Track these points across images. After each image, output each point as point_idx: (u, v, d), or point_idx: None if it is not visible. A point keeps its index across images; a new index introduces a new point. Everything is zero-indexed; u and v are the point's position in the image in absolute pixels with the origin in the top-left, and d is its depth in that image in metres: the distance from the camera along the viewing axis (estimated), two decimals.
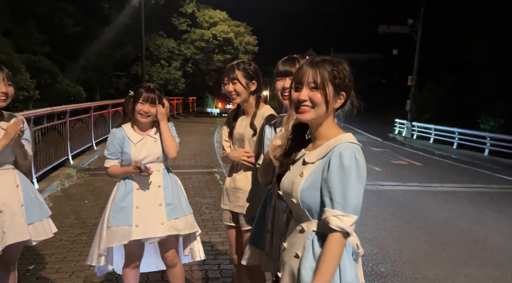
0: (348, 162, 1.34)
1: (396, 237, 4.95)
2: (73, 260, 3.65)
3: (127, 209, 2.47)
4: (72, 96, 16.00)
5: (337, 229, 1.32)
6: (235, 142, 2.55)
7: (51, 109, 7.01)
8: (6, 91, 2.26)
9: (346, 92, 1.46)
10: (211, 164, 8.55)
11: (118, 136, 2.53)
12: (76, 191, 6.06)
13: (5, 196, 2.30)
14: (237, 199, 2.48)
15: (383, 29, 20.72)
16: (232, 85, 2.42)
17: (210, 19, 29.24)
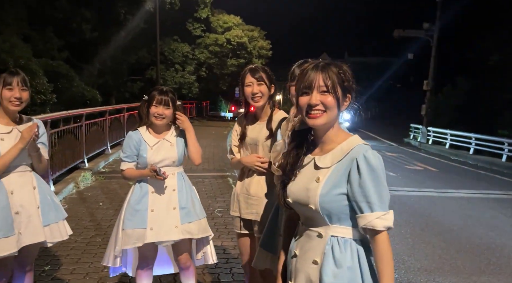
0: (375, 163, 1.36)
1: (411, 243, 4.88)
2: (88, 261, 3.70)
3: (142, 212, 2.50)
4: (88, 100, 16.26)
5: (384, 229, 1.35)
6: (247, 147, 2.51)
7: (67, 112, 7.14)
8: (20, 96, 2.31)
9: (351, 94, 1.46)
10: (224, 168, 8.57)
11: (134, 139, 2.57)
12: (91, 193, 6.15)
13: (22, 198, 2.35)
14: (250, 206, 2.45)
15: (398, 33, 20.54)
16: (257, 86, 2.38)
17: (224, 24, 29.46)
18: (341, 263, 1.37)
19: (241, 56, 29.61)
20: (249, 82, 2.39)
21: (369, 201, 1.35)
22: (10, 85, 2.28)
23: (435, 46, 19.89)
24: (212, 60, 28.69)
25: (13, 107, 2.31)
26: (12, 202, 2.30)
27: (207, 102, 30.64)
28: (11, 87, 2.28)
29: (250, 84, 2.39)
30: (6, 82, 2.28)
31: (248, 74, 2.40)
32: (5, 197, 2.28)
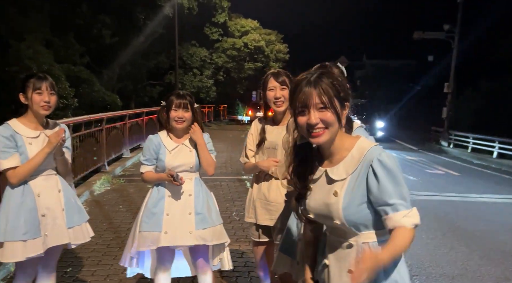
0: (390, 164, 1.35)
1: (432, 249, 4.78)
2: (108, 263, 3.75)
3: (158, 216, 2.52)
4: (109, 104, 16.58)
5: (412, 227, 1.33)
6: (264, 151, 2.48)
7: (88, 116, 7.28)
8: (48, 100, 2.35)
9: (349, 100, 1.42)
10: (241, 171, 8.58)
11: (154, 143, 2.60)
12: (111, 196, 6.24)
13: (48, 200, 2.40)
14: (269, 212, 2.42)
15: (418, 35, 20.22)
16: (280, 91, 2.36)
17: (241, 28, 29.62)
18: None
19: (258, 59, 29.70)
20: (272, 86, 2.37)
21: (392, 202, 1.34)
22: (40, 89, 2.32)
23: (456, 48, 19.51)
24: (230, 64, 28.86)
25: (43, 111, 2.36)
26: (39, 205, 2.36)
27: (224, 105, 30.80)
28: (40, 91, 2.32)
29: (273, 88, 2.37)
30: (36, 86, 2.32)
31: (272, 78, 2.38)
32: (33, 200, 2.34)
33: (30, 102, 2.34)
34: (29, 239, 2.28)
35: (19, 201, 2.30)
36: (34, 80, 2.33)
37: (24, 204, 2.31)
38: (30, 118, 2.38)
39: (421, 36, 20.28)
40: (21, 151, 2.30)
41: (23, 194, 2.32)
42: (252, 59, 29.59)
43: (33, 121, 2.39)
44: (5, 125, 2.33)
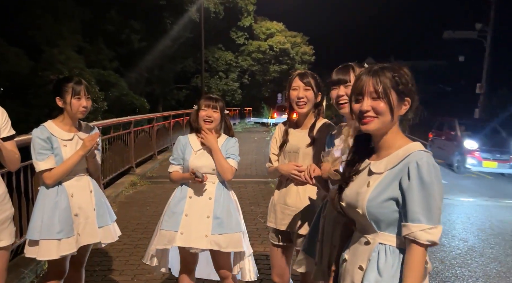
0: (427, 173, 1.30)
1: (464, 254, 4.62)
2: (135, 263, 3.81)
3: (177, 215, 2.53)
4: (137, 107, 16.97)
5: (427, 243, 1.29)
6: (286, 155, 2.43)
7: (117, 119, 7.46)
8: (86, 105, 2.43)
9: (411, 97, 1.40)
10: (265, 174, 8.56)
11: (182, 143, 2.63)
12: (139, 198, 6.36)
13: (81, 200, 2.47)
14: (287, 216, 2.38)
15: (448, 35, 19.69)
16: (303, 91, 2.31)
17: (266, 30, 29.70)
18: (384, 271, 1.35)
19: (283, 62, 29.69)
20: (295, 86, 2.33)
21: (415, 210, 1.30)
22: (79, 94, 2.39)
23: (488, 47, 18.88)
24: (255, 67, 28.98)
25: (81, 115, 2.44)
26: (72, 205, 2.43)
27: (249, 108, 30.92)
28: (79, 96, 2.39)
29: (296, 87, 2.32)
30: (75, 91, 2.38)
31: (296, 77, 2.35)
32: (66, 200, 2.41)
33: (68, 106, 2.39)
34: (63, 238, 2.35)
35: (53, 201, 2.37)
36: (73, 84, 2.39)
37: (59, 204, 2.38)
38: (65, 121, 2.45)
39: (452, 35, 19.74)
40: (56, 153, 2.37)
41: (57, 194, 2.39)
42: (278, 61, 29.61)
43: (68, 123, 2.46)
44: (42, 127, 2.40)
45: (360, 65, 1.94)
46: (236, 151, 2.65)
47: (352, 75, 1.95)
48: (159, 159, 9.72)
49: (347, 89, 1.93)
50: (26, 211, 3.61)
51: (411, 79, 1.41)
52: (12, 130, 2.27)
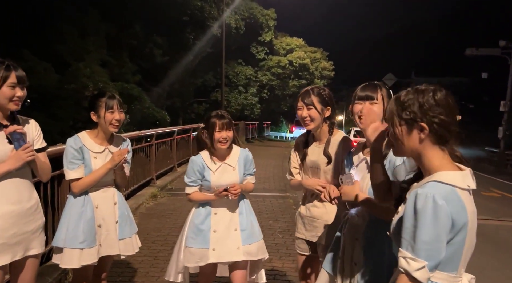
0: (421, 205, 1.24)
1: (488, 275, 4.49)
2: (155, 275, 3.85)
3: (205, 233, 2.57)
4: (158, 120, 17.25)
5: (402, 270, 1.27)
6: (307, 170, 2.49)
7: (140, 132, 7.61)
8: (119, 118, 2.52)
9: (427, 122, 1.32)
10: (284, 188, 8.55)
11: (198, 164, 2.64)
12: (159, 209, 6.44)
13: (104, 212, 2.55)
14: (315, 228, 2.44)
15: (471, 52, 19.46)
16: (306, 111, 2.38)
17: (286, 46, 29.90)
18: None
19: (303, 77, 29.76)
20: (299, 106, 2.42)
21: (403, 237, 1.28)
22: (112, 108, 2.48)
23: None
24: (274, 82, 29.12)
25: (113, 129, 2.53)
26: (96, 216, 2.51)
27: (268, 122, 31.00)
28: (112, 110, 2.48)
29: (300, 107, 2.42)
30: (109, 105, 2.48)
31: (299, 98, 2.44)
32: (92, 211, 2.49)
33: (102, 120, 2.49)
34: (85, 248, 2.42)
35: (79, 211, 2.46)
36: (106, 99, 2.49)
37: (84, 214, 2.46)
38: (99, 135, 2.55)
39: (474, 53, 19.51)
40: (86, 163, 2.47)
41: (83, 205, 2.47)
42: (297, 76, 29.69)
43: (101, 137, 2.56)
44: (76, 137, 2.51)
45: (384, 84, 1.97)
46: (253, 165, 2.74)
47: (379, 94, 1.98)
48: (179, 172, 9.82)
49: (372, 106, 1.96)
50: (52, 221, 3.71)
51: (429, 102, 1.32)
52: (44, 142, 2.36)
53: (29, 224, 2.18)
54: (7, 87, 2.03)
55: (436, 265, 1.26)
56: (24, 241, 2.15)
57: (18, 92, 2.07)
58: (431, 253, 1.23)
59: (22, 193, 2.16)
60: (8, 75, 2.03)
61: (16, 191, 2.13)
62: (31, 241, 2.20)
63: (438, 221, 1.23)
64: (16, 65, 2.10)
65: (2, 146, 2.09)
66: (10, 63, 2.07)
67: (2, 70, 2.02)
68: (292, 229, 5.57)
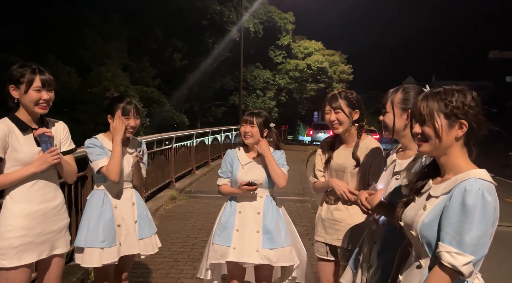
0: (472, 201, 1.27)
1: None
2: (175, 277, 3.89)
3: (228, 231, 2.61)
4: (176, 123, 17.46)
5: (448, 266, 1.27)
6: (332, 173, 2.48)
7: (160, 135, 7.71)
8: (133, 125, 2.57)
9: (467, 120, 1.37)
10: (302, 192, 8.52)
11: (230, 156, 2.74)
12: (178, 211, 6.50)
13: (123, 212, 2.60)
14: (336, 232, 2.42)
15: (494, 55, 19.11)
16: (334, 114, 2.39)
17: (305, 49, 29.87)
18: None
19: (321, 80, 29.66)
20: (327, 110, 2.43)
21: (447, 231, 1.29)
22: (128, 114, 2.54)
23: None
24: (292, 85, 29.10)
25: (128, 135, 2.59)
26: (116, 216, 2.56)
27: (285, 126, 30.96)
28: (128, 116, 2.54)
29: (328, 112, 2.42)
30: (125, 111, 2.53)
31: (327, 102, 2.45)
32: (111, 211, 2.54)
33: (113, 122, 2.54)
34: (106, 247, 2.48)
35: (99, 211, 2.51)
36: (124, 104, 2.54)
37: (103, 214, 2.51)
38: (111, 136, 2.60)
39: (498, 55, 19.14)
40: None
41: (102, 205, 2.53)
42: (315, 80, 29.61)
43: None
44: (94, 139, 2.60)
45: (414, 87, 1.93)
46: (284, 161, 2.74)
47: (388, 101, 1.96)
48: (197, 174, 9.91)
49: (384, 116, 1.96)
50: (75, 222, 3.79)
51: (470, 101, 1.37)
52: (72, 144, 2.42)
53: (54, 223, 2.24)
54: (33, 91, 2.09)
55: (480, 260, 1.29)
56: (49, 240, 2.22)
57: (44, 95, 2.12)
58: (478, 249, 1.27)
59: (48, 194, 2.23)
60: (33, 78, 2.09)
61: (42, 192, 2.19)
62: (57, 240, 2.26)
63: (487, 217, 1.27)
64: (42, 68, 2.16)
65: (30, 148, 2.15)
66: (36, 67, 2.13)
67: (28, 74, 2.09)
68: (311, 233, 5.54)
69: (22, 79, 2.09)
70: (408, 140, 1.88)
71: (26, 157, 2.13)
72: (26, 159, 2.13)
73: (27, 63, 2.15)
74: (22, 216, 2.13)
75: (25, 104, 2.13)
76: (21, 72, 2.10)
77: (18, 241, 2.09)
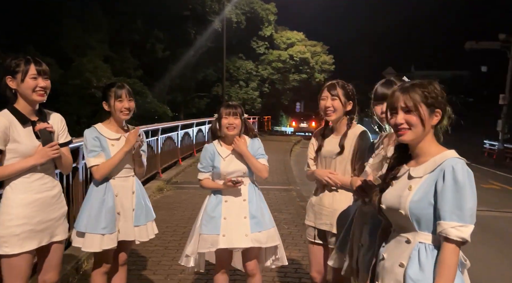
0: (462, 176, 1.45)
1: (487, 264, 4.64)
2: (167, 264, 4.00)
3: (216, 220, 2.71)
4: (159, 115, 17.34)
5: (457, 239, 1.42)
6: (322, 160, 2.61)
7: (146, 126, 7.72)
8: (128, 106, 2.66)
9: (441, 109, 1.56)
10: (286, 181, 8.70)
11: (209, 151, 2.81)
12: (166, 202, 6.58)
13: (123, 200, 2.69)
14: (325, 216, 2.54)
15: (471, 45, 19.52)
16: (331, 101, 2.48)
17: (287, 40, 29.92)
18: (425, 267, 1.48)
19: (303, 71, 29.82)
20: (324, 96, 2.52)
21: (447, 210, 1.44)
22: (120, 97, 2.63)
23: None
24: (275, 76, 29.17)
25: (124, 116, 2.67)
26: (116, 203, 2.65)
27: (268, 117, 31.08)
28: (121, 99, 2.63)
29: (324, 98, 2.51)
30: (117, 94, 2.63)
31: (325, 88, 2.54)
32: (112, 199, 2.63)
33: (112, 109, 2.65)
34: (106, 234, 2.57)
35: (101, 199, 2.60)
36: (115, 89, 2.65)
37: (106, 202, 2.60)
38: (112, 123, 2.71)
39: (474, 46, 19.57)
40: (104, 151, 2.62)
41: (105, 193, 2.62)
42: (297, 70, 29.74)
43: (115, 125, 2.71)
44: (92, 128, 2.67)
45: (399, 78, 2.08)
46: (263, 151, 2.85)
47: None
48: (183, 165, 9.96)
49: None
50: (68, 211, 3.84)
51: (440, 93, 1.57)
52: (69, 136, 2.50)
53: (53, 212, 2.33)
54: (29, 78, 2.17)
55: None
56: (49, 228, 2.30)
57: (41, 82, 2.20)
58: (474, 217, 1.46)
59: (46, 183, 2.31)
60: (28, 68, 2.17)
61: (40, 182, 2.28)
62: (56, 228, 2.35)
63: (474, 188, 1.47)
64: (37, 58, 2.24)
65: (30, 141, 2.22)
66: (30, 57, 2.22)
67: (22, 65, 2.17)
68: (296, 220, 5.71)
69: (17, 68, 2.16)
70: None
71: (26, 149, 2.20)
72: (26, 151, 2.20)
73: (21, 55, 2.23)
74: (22, 205, 2.21)
75: (23, 93, 2.20)
76: (16, 62, 2.18)
77: (19, 229, 2.17)
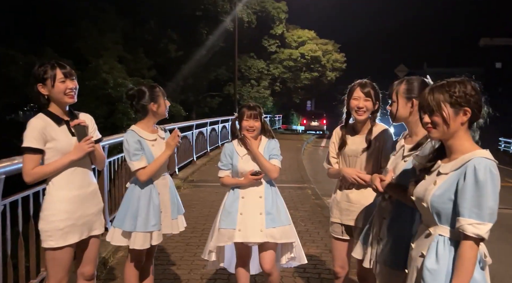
0: (483, 176, 1.50)
1: (504, 261, 4.69)
2: (189, 259, 4.15)
3: (233, 215, 2.83)
4: (173, 114, 17.53)
5: (473, 236, 1.49)
6: (346, 158, 2.66)
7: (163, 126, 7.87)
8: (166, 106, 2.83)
9: (470, 106, 1.60)
10: (300, 179, 8.79)
11: (229, 149, 2.93)
12: (184, 200, 6.60)
13: (165, 197, 2.84)
14: (352, 212, 2.61)
15: (485, 42, 19.38)
16: (364, 102, 2.53)
17: (298, 38, 29.91)
18: (440, 259, 1.57)
19: (314, 69, 29.79)
20: (357, 96, 2.55)
21: (466, 207, 1.51)
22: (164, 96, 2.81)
23: None
24: (286, 75, 29.20)
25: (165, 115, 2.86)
26: (160, 202, 2.79)
27: (280, 115, 31.13)
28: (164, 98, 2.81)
29: (357, 98, 2.54)
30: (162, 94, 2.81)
31: (358, 88, 2.57)
32: (157, 198, 2.77)
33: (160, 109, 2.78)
34: (155, 231, 2.73)
35: (148, 198, 2.73)
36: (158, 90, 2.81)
37: (152, 201, 2.74)
38: (147, 124, 2.82)
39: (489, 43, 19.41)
40: (146, 153, 2.74)
41: (151, 192, 2.75)
42: (309, 69, 29.73)
43: (151, 126, 2.84)
44: (131, 132, 2.77)
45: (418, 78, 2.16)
46: (278, 151, 2.94)
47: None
48: (198, 164, 10.13)
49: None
50: None
51: (470, 90, 1.61)
52: (99, 134, 2.64)
53: (91, 207, 2.47)
54: (59, 83, 2.30)
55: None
56: (88, 223, 2.45)
57: (69, 84, 2.34)
58: (493, 216, 1.51)
59: (84, 180, 2.46)
60: (55, 73, 2.30)
61: (79, 178, 2.42)
62: (94, 222, 2.49)
63: (497, 188, 1.52)
64: (61, 63, 2.38)
65: (67, 139, 2.37)
66: (54, 62, 2.35)
67: (49, 71, 2.30)
68: (312, 217, 5.81)
69: (45, 75, 2.29)
70: (413, 125, 2.11)
71: (64, 146, 2.35)
72: (64, 148, 2.35)
73: (45, 62, 2.36)
74: (64, 201, 2.35)
75: (55, 97, 2.33)
76: (43, 70, 2.31)
77: (62, 223, 2.32)
